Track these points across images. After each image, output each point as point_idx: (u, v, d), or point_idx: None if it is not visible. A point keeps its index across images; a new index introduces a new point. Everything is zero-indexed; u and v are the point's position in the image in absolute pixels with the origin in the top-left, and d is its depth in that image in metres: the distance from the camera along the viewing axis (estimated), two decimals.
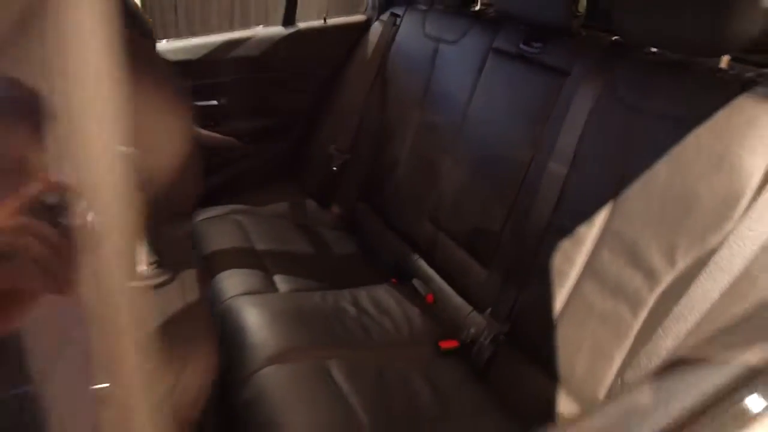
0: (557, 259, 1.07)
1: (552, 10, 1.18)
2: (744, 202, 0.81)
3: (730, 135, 0.86)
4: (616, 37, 1.16)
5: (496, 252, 1.23)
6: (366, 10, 1.89)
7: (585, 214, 1.04)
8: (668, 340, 0.83)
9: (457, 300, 1.31)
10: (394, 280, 1.44)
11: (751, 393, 0.47)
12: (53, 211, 0.39)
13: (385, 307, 1.31)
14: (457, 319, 1.28)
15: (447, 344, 1.23)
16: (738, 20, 0.86)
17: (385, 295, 1.35)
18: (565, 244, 1.06)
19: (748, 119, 0.85)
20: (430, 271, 1.42)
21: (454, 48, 1.46)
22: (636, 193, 0.97)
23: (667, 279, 0.87)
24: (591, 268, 1.01)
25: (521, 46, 1.27)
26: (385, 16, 1.77)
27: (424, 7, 1.64)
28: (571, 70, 1.14)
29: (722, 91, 0.89)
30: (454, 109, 1.40)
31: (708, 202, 0.85)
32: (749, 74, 0.92)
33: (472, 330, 1.21)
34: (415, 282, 1.43)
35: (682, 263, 0.85)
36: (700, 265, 0.82)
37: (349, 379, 1.06)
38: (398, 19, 1.70)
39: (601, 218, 1.01)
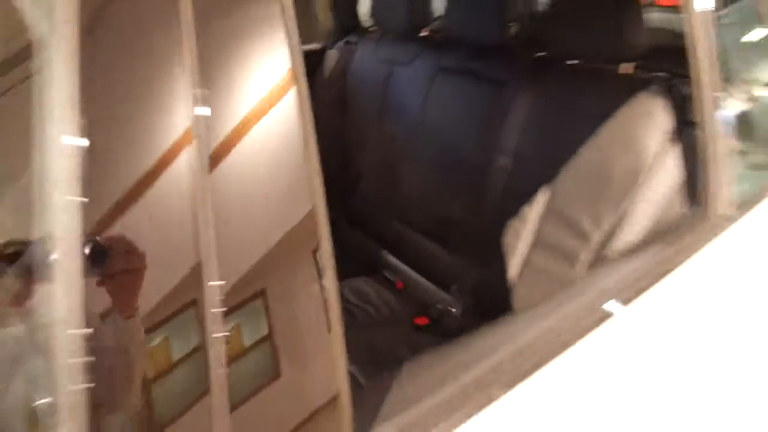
0: (509, 237, 1.29)
1: (489, 33, 1.42)
2: (643, 174, 1.06)
3: (634, 124, 1.10)
4: (542, 53, 1.41)
5: (457, 237, 1.44)
6: (321, 39, 2.10)
7: (529, 198, 1.26)
8: None
9: (426, 283, 1.51)
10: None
11: (611, 299, 0.68)
12: None
13: (364, 295, 1.50)
14: (427, 299, 1.48)
15: (420, 321, 1.42)
16: (633, 37, 1.11)
17: (363, 286, 1.54)
18: (514, 223, 1.28)
19: (646, 112, 1.09)
20: (400, 264, 1.61)
21: (407, 69, 1.68)
22: (567, 176, 1.20)
23: (595, 238, 1.10)
24: (537, 240, 1.23)
25: (464, 63, 1.50)
26: (340, 44, 1.98)
27: (377, 36, 1.87)
28: (508, 81, 1.38)
29: (627, 91, 1.14)
30: (411, 121, 1.62)
31: (620, 176, 1.09)
32: (646, 76, 1.17)
33: (439, 306, 1.41)
34: (386, 273, 1.62)
35: (606, 224, 1.08)
36: (618, 223, 1.05)
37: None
38: (354, 46, 1.92)
39: (541, 199, 1.24)
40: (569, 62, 1.34)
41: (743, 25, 1.42)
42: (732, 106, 1.07)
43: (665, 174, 1.03)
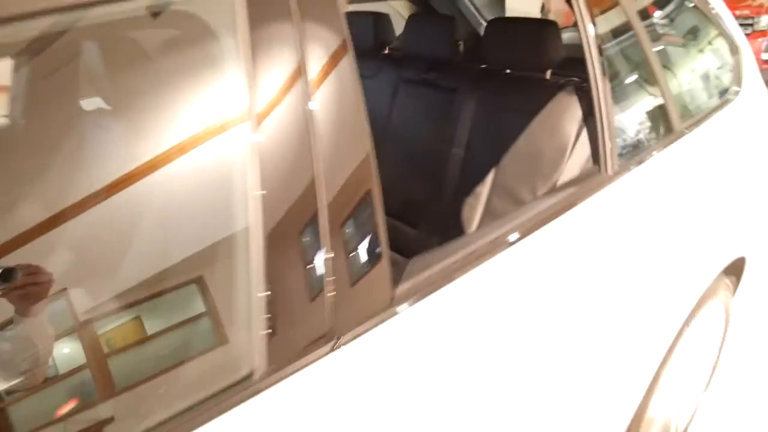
0: (465, 211, 1.61)
1: (442, 49, 1.76)
2: (567, 152, 1.40)
3: (557, 116, 1.45)
4: (484, 65, 1.76)
5: (422, 216, 1.75)
6: None
7: (480, 178, 1.59)
8: None
9: (395, 255, 1.81)
10: None
11: (514, 233, 0.97)
12: None
13: None
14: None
15: None
16: (553, 52, 1.46)
17: None
18: (469, 200, 1.61)
19: (565, 107, 1.44)
20: None
21: (371, 81, 1.99)
22: (509, 159, 1.53)
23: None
24: (487, 211, 1.56)
25: (422, 74, 1.83)
26: None
27: None
28: (458, 88, 1.72)
29: (549, 91, 1.49)
30: (380, 123, 1.93)
31: (549, 156, 1.43)
32: (562, 81, 1.54)
33: None
34: None
35: (540, 192, 1.42)
36: (548, 190, 1.39)
37: None
38: None
39: (489, 178, 1.57)
40: (506, 71, 1.69)
41: None
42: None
43: (581, 149, 1.38)
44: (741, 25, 4.60)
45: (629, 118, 1.26)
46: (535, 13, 3.31)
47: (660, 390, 1.42)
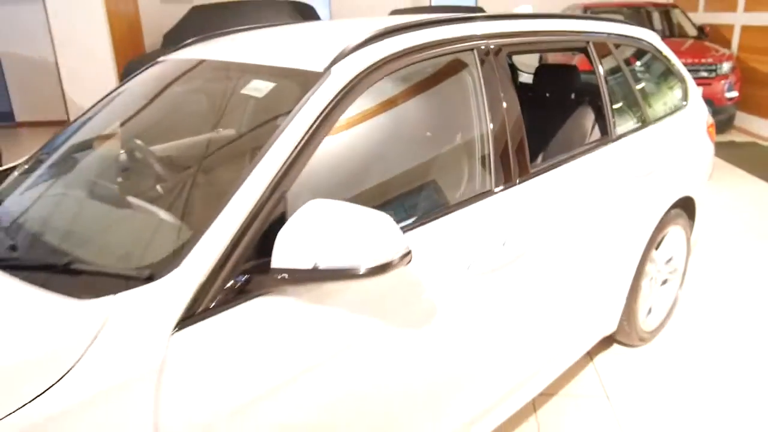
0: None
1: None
2: (588, 131, 2.52)
3: (583, 113, 2.57)
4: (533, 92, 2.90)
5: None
6: None
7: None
8: None
9: None
10: None
11: (541, 174, 2.11)
12: None
13: None
14: None
15: None
16: (575, 83, 2.61)
17: None
18: None
19: (584, 109, 2.57)
20: None
21: None
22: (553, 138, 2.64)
23: None
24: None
25: None
26: None
27: None
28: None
29: (576, 104, 2.61)
30: None
31: (578, 136, 2.54)
32: (582, 99, 2.67)
33: None
34: None
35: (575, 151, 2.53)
36: (577, 153, 2.50)
37: None
38: None
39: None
40: (546, 95, 2.82)
41: None
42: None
43: (595, 131, 2.49)
44: (706, 70, 5.88)
45: (621, 116, 2.39)
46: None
47: (644, 285, 2.49)
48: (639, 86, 2.56)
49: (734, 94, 6.39)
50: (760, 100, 6.85)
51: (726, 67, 6.35)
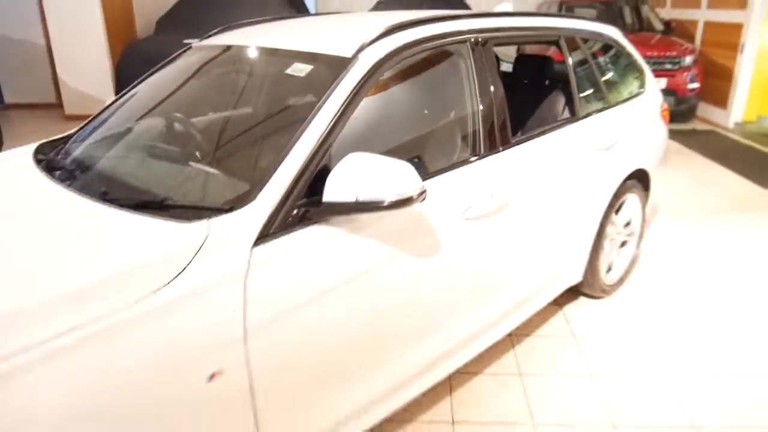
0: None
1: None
2: (560, 111, 2.95)
3: (555, 95, 3.00)
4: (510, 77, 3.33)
5: None
6: None
7: None
8: None
9: None
10: None
11: (531, 139, 2.55)
12: None
13: None
14: None
15: None
16: (550, 71, 3.04)
17: None
18: None
19: (557, 93, 3.00)
20: None
21: None
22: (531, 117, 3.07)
23: None
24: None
25: None
26: None
27: None
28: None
29: (550, 88, 3.04)
30: None
31: (552, 113, 2.97)
32: (555, 84, 3.11)
33: None
34: None
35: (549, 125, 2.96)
36: (552, 127, 2.93)
37: None
38: None
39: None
40: (524, 81, 3.25)
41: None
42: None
43: (566, 112, 2.93)
44: (670, 62, 6.40)
45: (587, 99, 2.83)
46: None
47: (606, 245, 2.95)
48: (602, 75, 3.00)
49: (696, 85, 6.93)
50: (719, 91, 7.41)
51: (689, 60, 6.87)
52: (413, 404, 2.29)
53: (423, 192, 1.58)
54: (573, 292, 3.10)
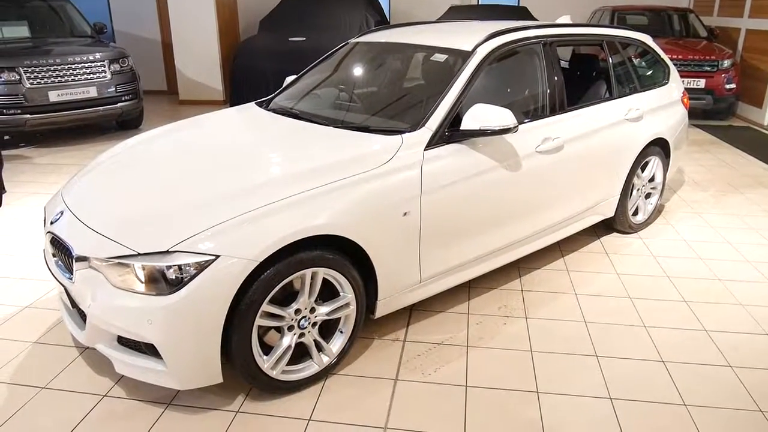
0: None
1: None
2: (603, 93, 4.12)
3: (599, 81, 4.16)
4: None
5: None
6: None
7: None
8: None
9: None
10: None
11: (554, 115, 3.74)
12: None
13: None
14: None
15: None
16: (596, 66, 4.23)
17: None
18: None
19: (599, 81, 4.17)
20: None
21: None
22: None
23: None
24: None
25: None
26: None
27: None
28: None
29: (599, 74, 4.21)
30: None
31: (594, 91, 4.14)
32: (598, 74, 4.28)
33: None
34: None
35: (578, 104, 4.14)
36: (581, 105, 4.10)
37: None
38: None
39: None
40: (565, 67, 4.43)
41: None
42: None
43: (606, 95, 4.10)
44: (709, 65, 7.51)
45: (621, 86, 3.99)
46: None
47: (634, 193, 4.11)
48: (634, 69, 4.16)
49: (733, 86, 7.87)
50: (757, 92, 8.31)
51: (726, 63, 7.82)
52: (492, 280, 3.53)
53: (516, 126, 2.81)
54: (607, 228, 4.27)
